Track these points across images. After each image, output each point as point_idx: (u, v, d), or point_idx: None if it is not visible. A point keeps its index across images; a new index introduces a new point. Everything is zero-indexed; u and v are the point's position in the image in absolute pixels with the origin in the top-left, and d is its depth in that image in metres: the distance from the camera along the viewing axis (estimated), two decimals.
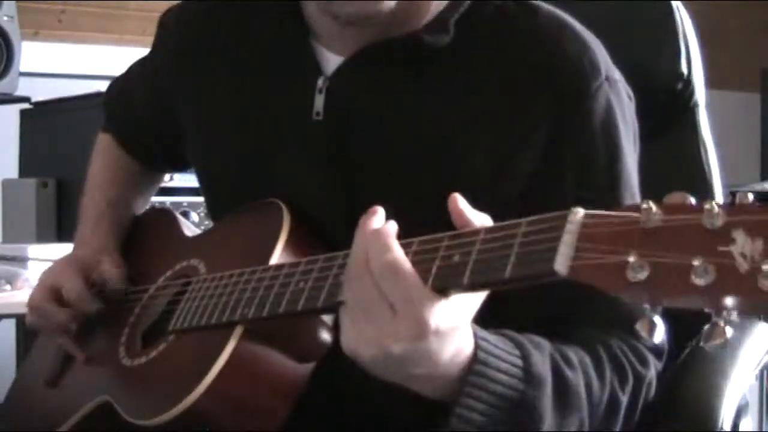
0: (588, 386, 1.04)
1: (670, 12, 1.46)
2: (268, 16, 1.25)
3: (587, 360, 1.05)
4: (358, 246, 0.93)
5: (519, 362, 0.97)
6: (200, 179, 1.35)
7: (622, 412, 1.07)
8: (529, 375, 0.97)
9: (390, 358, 0.90)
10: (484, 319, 0.97)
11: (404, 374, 0.93)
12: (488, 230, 0.88)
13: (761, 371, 1.58)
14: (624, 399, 1.07)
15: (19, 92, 2.96)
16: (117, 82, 1.52)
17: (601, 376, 1.05)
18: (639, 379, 1.09)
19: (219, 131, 1.27)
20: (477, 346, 0.94)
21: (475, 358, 0.94)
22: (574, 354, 1.04)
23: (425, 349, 0.90)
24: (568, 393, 1.01)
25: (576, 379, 1.02)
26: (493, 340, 0.97)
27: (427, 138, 1.14)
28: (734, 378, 1.25)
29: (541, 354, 1.00)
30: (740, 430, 1.25)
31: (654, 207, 0.76)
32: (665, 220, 0.75)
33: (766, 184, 3.35)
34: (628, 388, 1.08)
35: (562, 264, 0.79)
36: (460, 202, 0.93)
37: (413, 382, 0.94)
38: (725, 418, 1.20)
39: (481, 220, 0.93)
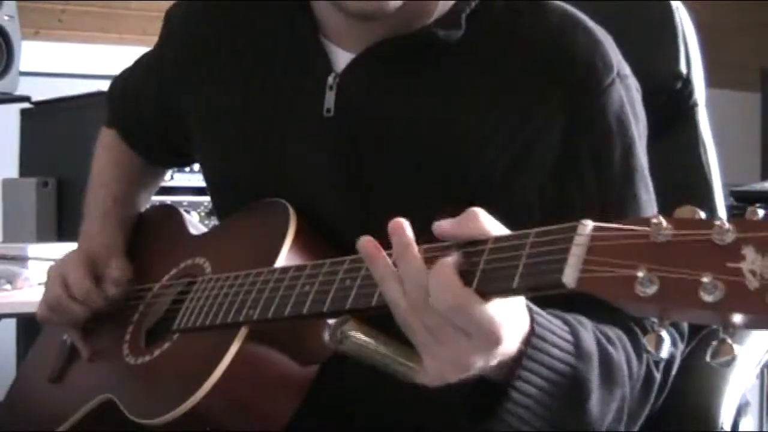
0: (628, 362, 1.04)
1: (669, 12, 1.46)
2: (277, 13, 1.24)
3: (625, 338, 1.06)
4: (414, 283, 0.89)
5: (570, 338, 0.98)
6: (207, 178, 1.35)
7: (656, 388, 1.08)
8: (579, 350, 0.98)
9: (470, 371, 0.90)
10: None
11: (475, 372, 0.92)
12: (496, 239, 0.88)
13: (761, 370, 1.58)
14: (658, 376, 1.08)
15: (19, 92, 2.96)
16: (121, 77, 1.51)
17: (638, 354, 1.06)
18: (671, 357, 1.10)
19: (227, 129, 1.27)
20: (534, 322, 0.94)
21: (532, 333, 0.94)
22: (612, 332, 1.05)
23: (499, 351, 0.90)
24: (612, 368, 1.02)
25: (618, 355, 1.03)
26: (546, 315, 0.97)
27: (439, 134, 1.14)
28: (734, 377, 1.25)
29: (587, 331, 1.01)
30: (741, 429, 1.25)
31: (664, 221, 0.75)
32: (675, 235, 0.75)
33: (766, 184, 3.34)
34: (662, 365, 1.08)
35: (570, 276, 0.79)
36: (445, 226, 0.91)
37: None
38: (725, 418, 1.21)
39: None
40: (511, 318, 0.90)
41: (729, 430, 1.22)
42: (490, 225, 0.90)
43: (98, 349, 1.32)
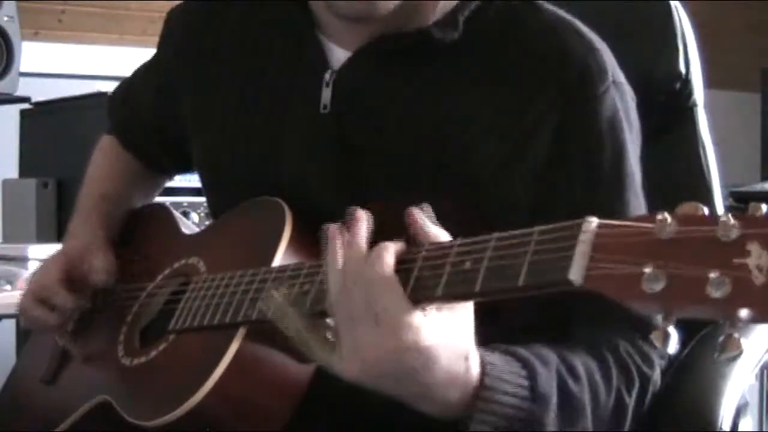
0: (594, 395, 1.04)
1: (668, 12, 1.46)
2: (274, 10, 1.25)
3: (594, 366, 1.06)
4: (350, 258, 0.93)
5: (525, 383, 0.98)
6: (203, 177, 1.35)
7: (629, 414, 1.08)
8: (535, 394, 0.98)
9: (371, 369, 0.92)
10: (486, 319, 0.97)
11: (396, 391, 0.94)
12: (500, 237, 0.88)
13: (761, 371, 1.58)
14: (630, 402, 1.08)
15: (19, 92, 2.96)
16: (122, 85, 1.53)
17: (607, 382, 1.06)
18: (645, 381, 1.10)
19: (224, 127, 1.27)
20: (484, 373, 0.95)
21: (482, 385, 0.95)
22: (581, 362, 1.05)
23: (407, 366, 0.91)
24: (572, 406, 1.02)
25: (581, 392, 1.03)
26: (499, 363, 0.97)
27: (433, 132, 1.14)
28: (733, 378, 1.25)
29: (548, 370, 1.01)
30: (740, 430, 1.25)
31: (668, 218, 0.75)
32: (680, 232, 0.75)
33: (766, 184, 3.35)
34: (635, 390, 1.09)
35: (576, 273, 0.79)
36: (417, 216, 0.95)
37: (414, 402, 0.96)
38: (724, 418, 1.20)
39: (438, 234, 0.94)
40: (426, 337, 0.90)
41: (728, 430, 1.22)
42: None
43: (92, 350, 1.31)
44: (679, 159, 1.45)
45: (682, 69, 1.44)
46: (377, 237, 0.95)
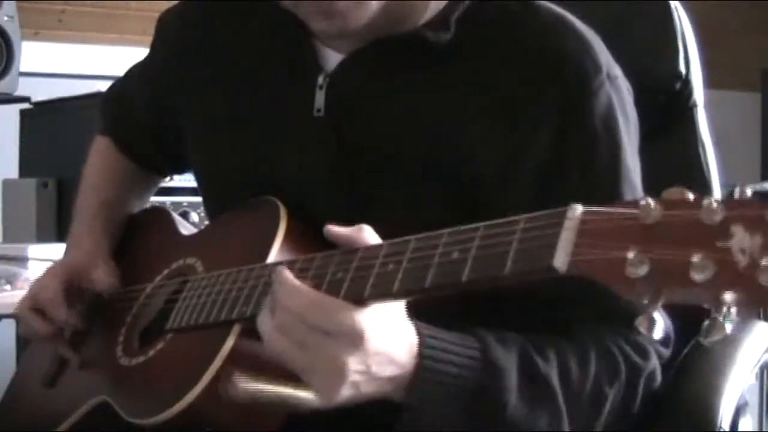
0: (564, 377, 1.04)
1: (668, 12, 1.46)
2: (268, 14, 1.25)
3: (569, 353, 1.06)
4: (283, 305, 0.96)
5: (476, 354, 1.00)
6: (199, 179, 1.35)
7: (608, 405, 1.08)
8: (486, 364, 0.99)
9: (349, 376, 0.95)
10: (476, 319, 0.98)
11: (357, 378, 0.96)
12: (487, 226, 0.89)
13: (761, 370, 1.58)
14: (610, 392, 1.08)
15: (19, 92, 2.96)
16: (115, 86, 1.52)
17: (583, 368, 1.06)
18: (634, 371, 1.09)
19: (219, 130, 1.27)
20: (423, 345, 0.97)
21: (421, 355, 0.97)
22: (553, 347, 1.05)
23: (372, 352, 0.94)
24: (538, 383, 1.02)
25: (547, 369, 1.03)
26: (442, 335, 0.99)
27: (428, 134, 1.15)
28: (733, 377, 1.25)
29: (504, 347, 1.02)
30: (740, 429, 1.25)
31: (653, 203, 0.76)
32: (664, 216, 0.75)
33: (766, 184, 3.35)
34: (619, 380, 1.08)
35: (561, 260, 0.80)
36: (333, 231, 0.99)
37: (387, 392, 0.99)
38: (724, 418, 1.20)
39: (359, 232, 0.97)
40: (382, 321, 0.94)
41: (728, 430, 1.22)
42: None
43: (91, 350, 1.31)
44: (679, 159, 1.45)
45: (682, 69, 1.45)
46: None
